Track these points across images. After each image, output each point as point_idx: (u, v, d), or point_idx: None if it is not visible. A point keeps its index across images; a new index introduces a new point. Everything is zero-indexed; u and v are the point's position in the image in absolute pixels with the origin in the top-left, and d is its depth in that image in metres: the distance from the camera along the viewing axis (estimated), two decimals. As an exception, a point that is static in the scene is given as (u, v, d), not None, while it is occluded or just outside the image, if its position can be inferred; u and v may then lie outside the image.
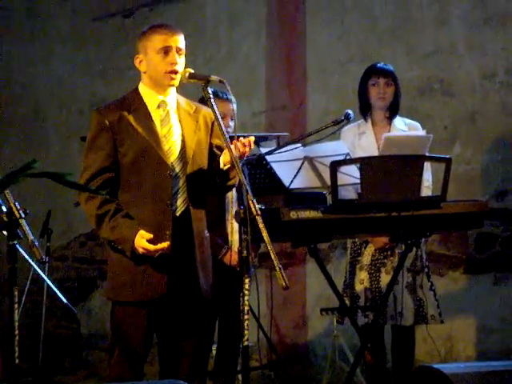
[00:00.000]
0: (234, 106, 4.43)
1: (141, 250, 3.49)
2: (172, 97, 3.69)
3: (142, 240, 3.49)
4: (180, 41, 3.64)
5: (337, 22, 6.18)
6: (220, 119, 3.52)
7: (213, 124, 3.72)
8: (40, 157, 7.10)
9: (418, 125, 4.92)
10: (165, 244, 3.49)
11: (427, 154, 4.41)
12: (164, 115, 3.66)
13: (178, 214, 3.61)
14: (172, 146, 3.63)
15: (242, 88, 6.25)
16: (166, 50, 3.60)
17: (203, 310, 3.71)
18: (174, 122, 3.67)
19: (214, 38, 6.70)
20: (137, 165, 3.59)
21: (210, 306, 3.81)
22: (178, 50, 3.62)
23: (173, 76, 3.61)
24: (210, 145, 3.71)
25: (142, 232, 3.50)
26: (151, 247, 3.48)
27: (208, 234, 3.74)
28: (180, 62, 3.62)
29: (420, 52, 5.87)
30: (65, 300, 4.59)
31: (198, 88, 3.62)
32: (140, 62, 3.67)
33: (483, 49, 5.67)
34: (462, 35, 5.74)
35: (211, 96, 3.54)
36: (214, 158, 3.68)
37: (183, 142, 3.64)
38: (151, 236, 3.49)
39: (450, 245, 5.73)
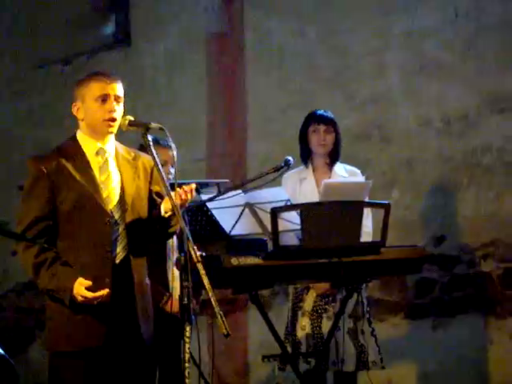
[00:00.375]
0: (175, 153, 4.43)
1: (80, 298, 3.45)
2: (110, 144, 3.68)
3: (81, 288, 3.45)
4: (118, 88, 3.63)
5: (277, 70, 6.25)
6: (160, 166, 3.52)
7: (152, 171, 3.71)
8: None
9: (357, 171, 4.97)
10: (104, 291, 3.46)
11: (367, 200, 4.45)
12: (102, 162, 3.65)
13: (117, 262, 3.58)
14: (111, 193, 3.61)
15: (183, 135, 6.26)
16: (104, 98, 3.60)
17: (144, 358, 3.66)
18: (113, 169, 3.65)
19: (154, 85, 6.72)
20: (75, 212, 3.56)
21: (151, 354, 3.77)
22: (117, 98, 3.62)
23: (111, 124, 3.60)
24: (150, 192, 3.70)
25: (80, 279, 3.46)
26: (90, 295, 3.44)
27: (149, 282, 3.71)
28: (118, 110, 3.62)
29: (358, 99, 5.96)
30: (2, 351, 4.50)
31: (138, 135, 3.61)
32: (78, 109, 3.65)
33: (419, 96, 5.78)
34: (398, 83, 5.85)
35: (151, 143, 3.54)
36: (154, 205, 3.67)
37: (122, 188, 3.62)
38: (90, 283, 3.45)
39: (390, 290, 5.77)
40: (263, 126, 6.28)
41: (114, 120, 3.60)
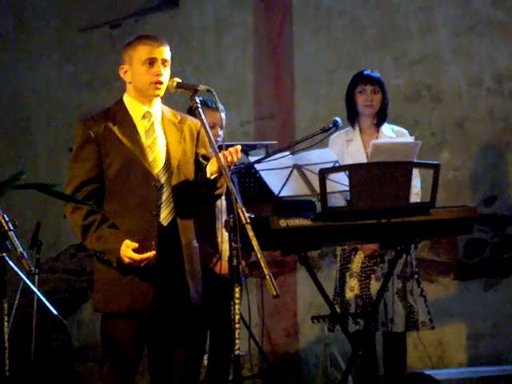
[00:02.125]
0: (223, 115, 4.43)
1: (127, 260, 3.49)
2: (157, 107, 3.69)
3: (128, 250, 3.49)
4: (165, 52, 3.63)
5: (323, 31, 6.20)
6: (208, 128, 3.52)
7: (198, 134, 3.72)
8: (28, 168, 7.08)
9: (405, 131, 4.93)
10: (150, 253, 3.49)
11: (415, 161, 4.42)
12: (149, 126, 3.66)
13: (165, 225, 3.60)
14: (157, 157, 3.63)
15: (231, 97, 6.26)
16: (151, 62, 3.60)
17: (193, 319, 3.70)
18: (159, 132, 3.67)
19: (201, 48, 6.70)
20: (122, 176, 3.58)
21: (201, 315, 3.80)
22: (164, 62, 3.62)
23: (158, 86, 3.61)
24: (196, 155, 3.71)
25: (127, 242, 3.50)
26: (137, 257, 3.48)
27: (197, 244, 3.73)
28: (165, 73, 3.62)
29: (407, 59, 5.89)
30: (55, 312, 4.58)
31: (186, 98, 3.62)
32: (125, 72, 3.66)
33: (469, 55, 5.69)
34: (448, 42, 5.77)
35: (199, 105, 3.55)
36: (200, 167, 3.68)
37: (168, 152, 3.64)
38: (136, 245, 3.49)
39: (439, 251, 5.74)
40: (310, 87, 6.25)
41: (160, 83, 3.60)
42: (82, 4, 7.22)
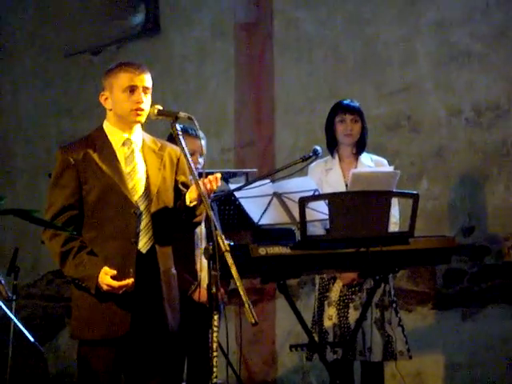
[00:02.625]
0: (203, 143, 4.44)
1: (105, 287, 3.48)
2: (137, 134, 3.69)
3: (106, 277, 3.48)
4: (146, 80, 3.64)
5: (305, 60, 6.24)
6: (188, 155, 3.53)
7: (178, 161, 3.73)
8: (7, 193, 7.05)
9: (384, 161, 4.95)
10: (129, 281, 3.48)
11: (395, 190, 4.44)
12: (129, 153, 3.66)
13: (143, 252, 3.60)
14: (136, 184, 3.63)
15: (211, 124, 6.28)
16: (132, 89, 3.61)
17: (171, 347, 3.68)
18: (139, 160, 3.67)
19: (183, 75, 6.73)
20: (101, 202, 3.58)
21: (178, 342, 3.78)
22: (145, 89, 3.63)
23: (139, 113, 3.61)
24: (176, 182, 3.72)
25: (105, 269, 3.49)
26: (115, 284, 3.47)
27: (175, 272, 3.72)
28: (146, 101, 3.63)
29: (387, 89, 5.93)
30: (32, 339, 4.54)
31: (167, 125, 3.62)
32: (105, 99, 3.67)
33: (449, 86, 5.74)
34: (428, 73, 5.82)
35: (179, 133, 3.55)
36: (179, 195, 3.68)
37: (148, 179, 3.64)
38: (115, 272, 3.48)
39: (418, 280, 5.75)
40: (291, 116, 6.28)
41: (141, 110, 3.61)
42: (63, 30, 7.24)
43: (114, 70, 3.65)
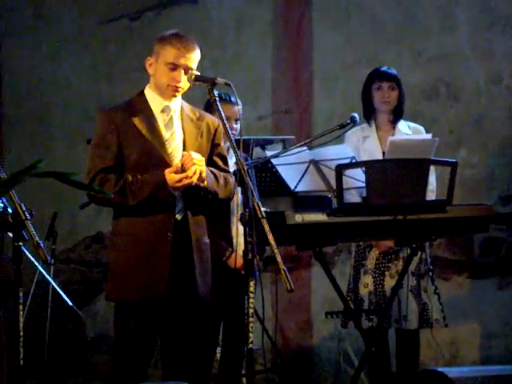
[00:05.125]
0: (239, 109, 4.43)
1: (176, 185, 3.50)
2: (177, 102, 3.71)
3: (171, 175, 3.51)
4: (191, 60, 3.63)
5: (343, 26, 6.18)
6: (226, 123, 3.53)
7: (216, 132, 3.74)
8: (46, 158, 7.09)
9: (422, 128, 4.91)
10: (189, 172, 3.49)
11: (433, 158, 4.41)
12: (168, 120, 3.68)
13: (178, 219, 3.61)
14: (174, 151, 3.65)
15: (248, 91, 6.25)
16: (174, 67, 3.61)
17: (202, 313, 3.71)
18: (177, 127, 3.68)
19: (220, 42, 6.70)
20: (141, 166, 3.60)
21: (211, 309, 3.80)
22: (187, 69, 3.62)
23: (175, 90, 3.62)
24: (211, 152, 3.72)
25: (165, 170, 3.52)
26: (180, 176, 3.48)
27: (208, 241, 3.73)
28: (184, 80, 3.62)
29: (426, 56, 5.87)
30: (70, 303, 4.59)
31: (203, 91, 3.62)
32: (150, 64, 3.68)
33: (489, 53, 5.67)
34: (467, 40, 5.75)
35: (217, 98, 3.55)
36: (214, 166, 3.69)
37: (184, 147, 3.65)
38: (176, 167, 3.51)
39: (455, 249, 5.72)
40: (328, 83, 6.24)
41: (178, 88, 3.61)
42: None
43: (165, 41, 3.64)
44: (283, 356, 5.51)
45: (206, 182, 3.56)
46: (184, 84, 3.63)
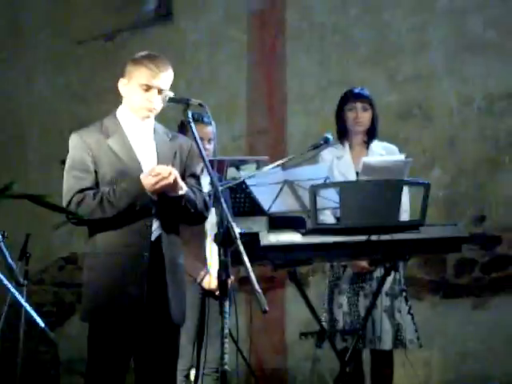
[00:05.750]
0: (214, 129, 4.43)
1: (156, 187, 3.47)
2: (150, 123, 3.70)
3: (148, 178, 3.48)
4: (165, 80, 3.63)
5: (316, 47, 6.22)
6: (200, 143, 3.53)
7: (189, 153, 3.73)
8: (20, 179, 7.08)
9: (395, 149, 4.93)
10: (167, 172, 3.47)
11: (406, 179, 4.43)
12: (141, 140, 3.67)
13: (152, 239, 3.60)
14: (149, 171, 3.63)
15: (223, 112, 6.27)
16: (148, 88, 3.61)
17: (176, 336, 3.68)
18: (151, 148, 3.67)
19: (195, 62, 6.72)
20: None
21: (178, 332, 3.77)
22: (160, 90, 3.62)
23: (148, 111, 3.62)
24: (184, 173, 3.72)
25: (141, 175, 3.50)
26: (157, 177, 3.46)
27: (182, 262, 3.71)
28: (158, 101, 3.62)
29: (399, 77, 5.91)
30: (43, 324, 4.55)
31: (177, 112, 3.62)
32: (123, 85, 3.68)
33: (462, 75, 5.72)
34: (440, 61, 5.80)
35: (191, 119, 3.55)
36: (186, 185, 3.69)
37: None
38: (152, 169, 3.49)
39: (428, 269, 5.74)
40: (303, 103, 6.26)
41: (152, 109, 3.61)
42: (76, 16, 7.24)
43: (138, 62, 3.64)
44: (258, 377, 5.49)
45: (184, 188, 3.53)
46: (157, 105, 3.63)
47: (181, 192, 3.54)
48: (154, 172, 3.50)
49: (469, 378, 5.54)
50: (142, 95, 3.61)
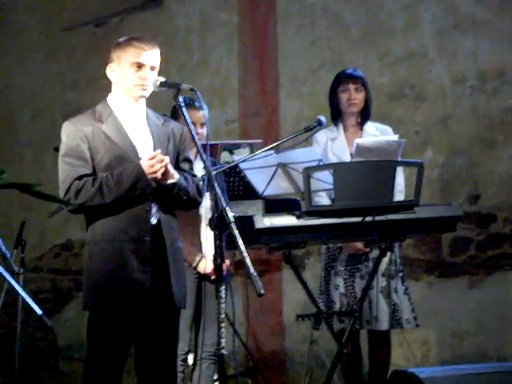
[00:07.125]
0: (206, 114, 4.43)
1: (154, 173, 3.48)
2: (142, 108, 3.70)
3: (146, 161, 3.49)
4: (154, 57, 3.64)
5: (308, 29, 6.20)
6: (192, 128, 3.53)
7: (181, 137, 3.74)
8: (13, 167, 7.07)
9: (389, 129, 4.93)
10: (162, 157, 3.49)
11: (399, 159, 4.43)
12: (135, 125, 3.67)
13: (153, 223, 3.60)
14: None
15: (215, 96, 6.26)
16: (139, 66, 3.61)
17: (178, 321, 3.69)
18: (145, 132, 3.67)
19: (186, 47, 6.70)
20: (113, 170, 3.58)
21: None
22: (152, 68, 3.62)
23: (143, 88, 3.62)
24: (178, 157, 3.72)
25: (141, 160, 3.51)
26: (155, 160, 3.47)
27: (180, 245, 3.72)
28: (151, 78, 3.62)
29: (391, 57, 5.90)
30: (40, 312, 4.55)
31: (168, 97, 3.62)
32: (112, 71, 3.67)
33: (453, 53, 5.71)
34: (432, 40, 5.78)
35: (182, 104, 3.55)
36: (180, 170, 3.69)
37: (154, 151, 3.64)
38: (151, 154, 3.49)
39: (424, 249, 5.76)
40: (295, 86, 6.25)
41: (146, 86, 3.61)
42: (66, 3, 7.21)
43: (123, 44, 3.64)
44: (255, 360, 5.50)
45: (175, 176, 3.54)
46: (150, 83, 3.62)
47: (172, 180, 3.54)
48: (152, 155, 3.50)
49: (465, 356, 5.56)
50: (134, 74, 3.61)
